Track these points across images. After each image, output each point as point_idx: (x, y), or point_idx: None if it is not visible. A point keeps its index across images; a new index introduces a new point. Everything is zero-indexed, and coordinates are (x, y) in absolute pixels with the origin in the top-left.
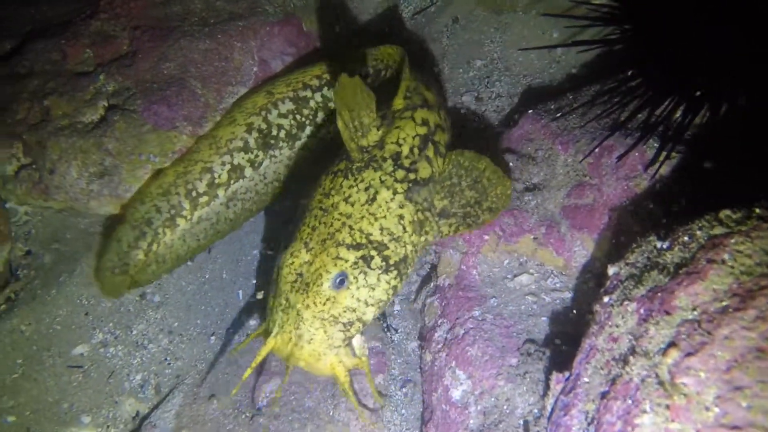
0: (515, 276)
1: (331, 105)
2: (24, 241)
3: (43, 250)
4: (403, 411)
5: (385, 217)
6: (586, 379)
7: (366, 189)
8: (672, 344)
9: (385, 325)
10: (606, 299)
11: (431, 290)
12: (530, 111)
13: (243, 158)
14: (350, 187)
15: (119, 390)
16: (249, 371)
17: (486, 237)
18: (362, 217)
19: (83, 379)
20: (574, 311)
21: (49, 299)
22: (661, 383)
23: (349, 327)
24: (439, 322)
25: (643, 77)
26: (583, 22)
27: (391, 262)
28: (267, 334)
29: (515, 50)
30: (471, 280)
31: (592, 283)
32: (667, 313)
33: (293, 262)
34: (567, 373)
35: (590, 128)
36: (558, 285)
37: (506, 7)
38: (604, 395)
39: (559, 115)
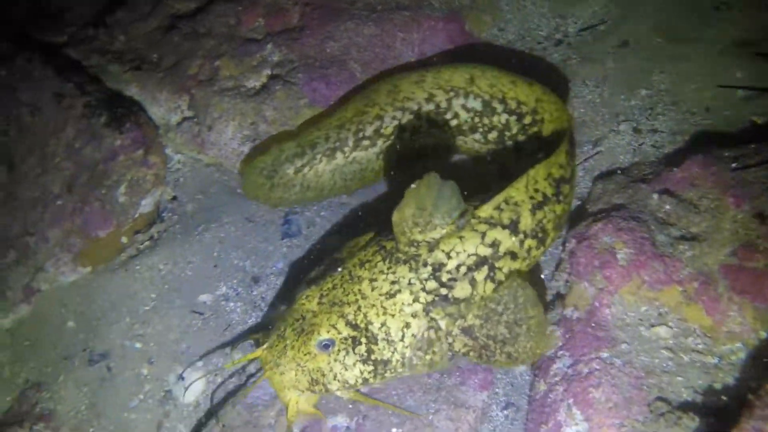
0: (652, 326)
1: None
2: (173, 186)
3: (187, 198)
4: None
5: (393, 316)
6: None
7: (392, 283)
8: None
9: None
10: None
11: (555, 319)
12: (700, 155)
13: (409, 121)
14: (381, 272)
15: (232, 343)
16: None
17: (628, 278)
18: (373, 306)
19: (202, 326)
20: (718, 381)
21: (186, 246)
22: None
23: (314, 384)
24: (559, 353)
25: None
26: None
27: (372, 357)
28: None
29: (688, 84)
30: (602, 319)
31: (742, 354)
32: None
33: (304, 305)
34: None
35: None
36: (700, 347)
37: (689, 37)
38: None
39: (735, 165)
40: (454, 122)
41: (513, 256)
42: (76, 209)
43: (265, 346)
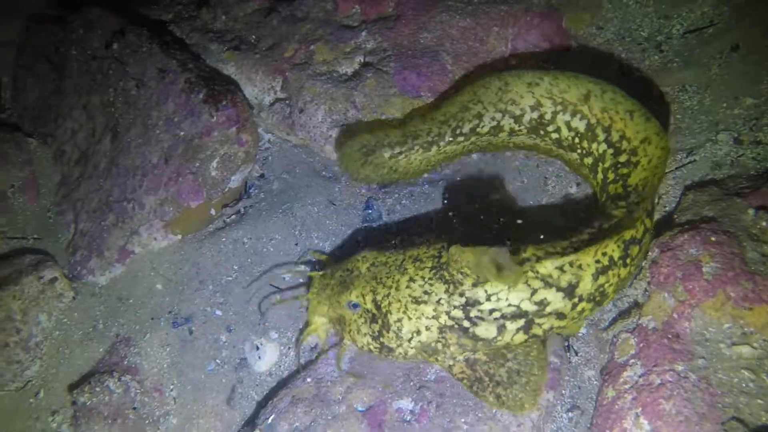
0: (734, 344)
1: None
2: (262, 165)
3: (274, 176)
4: None
5: (410, 318)
6: None
7: (425, 292)
8: None
9: (567, 344)
10: None
11: (630, 326)
12: None
13: (508, 124)
14: (422, 277)
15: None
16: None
17: (712, 293)
18: (399, 301)
19: (280, 300)
20: None
21: (270, 222)
22: None
23: (337, 324)
24: (631, 362)
25: None
26: None
27: (381, 339)
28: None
29: None
30: (681, 332)
31: None
32: None
33: (358, 262)
34: None
35: None
36: None
37: None
38: None
39: None
40: (554, 135)
41: (560, 316)
42: (171, 179)
43: (320, 272)
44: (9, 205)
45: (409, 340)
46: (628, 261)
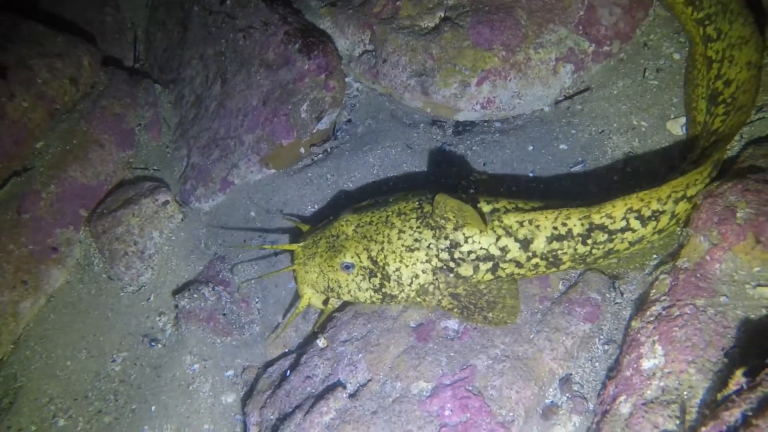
0: (759, 285)
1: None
2: (349, 110)
3: (359, 121)
4: (597, 364)
5: (407, 266)
6: None
7: (416, 240)
8: None
9: (614, 284)
10: None
11: (668, 269)
12: None
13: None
14: (410, 227)
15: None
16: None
17: (743, 236)
18: (394, 252)
19: None
20: None
21: (352, 162)
22: None
23: (329, 290)
24: (661, 298)
25: None
26: None
27: (383, 290)
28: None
29: None
30: (710, 272)
31: None
32: None
33: (342, 226)
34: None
35: None
36: None
37: None
38: None
39: None
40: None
41: (518, 264)
42: (267, 120)
43: (300, 244)
44: (136, 141)
45: (410, 285)
46: (588, 242)
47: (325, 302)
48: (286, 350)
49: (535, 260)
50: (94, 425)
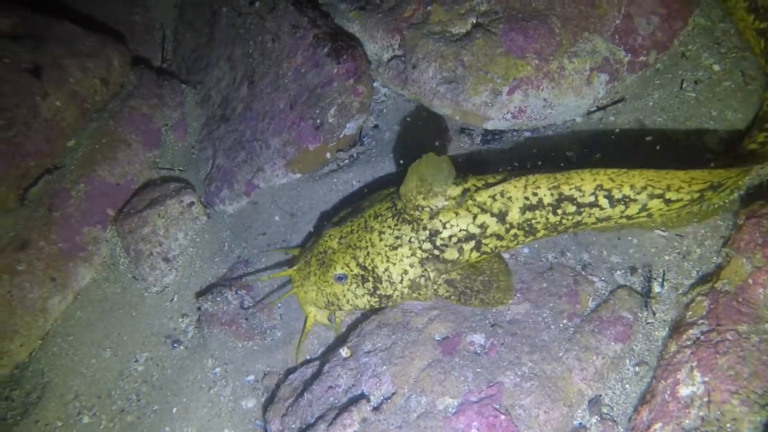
0: None
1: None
2: (377, 116)
3: (386, 127)
4: (627, 386)
5: (394, 264)
6: None
7: (396, 237)
8: None
9: (645, 303)
10: None
11: (706, 290)
12: None
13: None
14: (389, 227)
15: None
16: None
17: None
18: (379, 254)
19: None
20: None
21: (378, 168)
22: None
23: (330, 305)
24: (699, 321)
25: None
26: None
27: (378, 292)
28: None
29: None
30: (753, 296)
31: None
32: None
33: (327, 241)
34: None
35: None
36: None
37: None
38: None
39: None
40: None
41: (499, 237)
42: (294, 123)
43: (294, 267)
44: (162, 141)
45: (401, 282)
46: (558, 212)
47: (331, 317)
48: (308, 357)
49: (513, 231)
50: (117, 424)
